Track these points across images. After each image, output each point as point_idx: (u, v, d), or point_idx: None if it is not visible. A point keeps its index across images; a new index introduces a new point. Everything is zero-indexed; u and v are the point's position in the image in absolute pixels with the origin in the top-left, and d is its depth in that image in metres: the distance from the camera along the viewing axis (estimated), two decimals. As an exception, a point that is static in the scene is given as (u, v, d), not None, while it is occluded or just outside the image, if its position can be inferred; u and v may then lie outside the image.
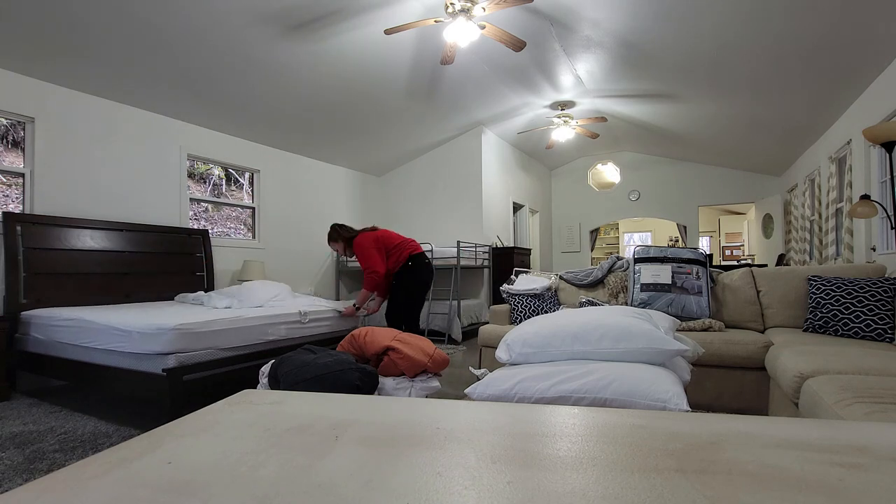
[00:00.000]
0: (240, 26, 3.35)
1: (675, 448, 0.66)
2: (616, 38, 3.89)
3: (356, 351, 2.33)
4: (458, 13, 3.17)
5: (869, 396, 1.34)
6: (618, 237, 12.63)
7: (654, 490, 0.53)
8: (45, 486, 0.58)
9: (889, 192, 3.40)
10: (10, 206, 3.51)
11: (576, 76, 4.83)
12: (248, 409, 0.89)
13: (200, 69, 3.77)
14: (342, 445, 0.69)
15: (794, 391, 1.70)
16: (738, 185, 7.80)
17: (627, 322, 1.53)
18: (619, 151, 8.50)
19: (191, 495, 0.55)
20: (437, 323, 5.30)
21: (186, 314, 2.57)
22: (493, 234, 6.65)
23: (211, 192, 5.07)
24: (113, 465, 0.64)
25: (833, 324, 2.39)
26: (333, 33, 3.63)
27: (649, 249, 3.08)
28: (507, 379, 1.40)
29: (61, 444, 2.16)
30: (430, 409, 0.87)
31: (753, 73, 4.18)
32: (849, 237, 4.36)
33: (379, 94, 4.77)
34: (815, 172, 5.60)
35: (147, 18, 3.11)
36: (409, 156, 6.79)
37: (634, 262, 3.06)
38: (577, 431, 0.74)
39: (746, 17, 3.32)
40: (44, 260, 3.38)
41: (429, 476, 0.59)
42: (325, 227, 6.23)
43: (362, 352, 2.31)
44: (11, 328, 3.09)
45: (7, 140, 3.55)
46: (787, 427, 0.74)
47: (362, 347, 2.31)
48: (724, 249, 11.47)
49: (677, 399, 1.22)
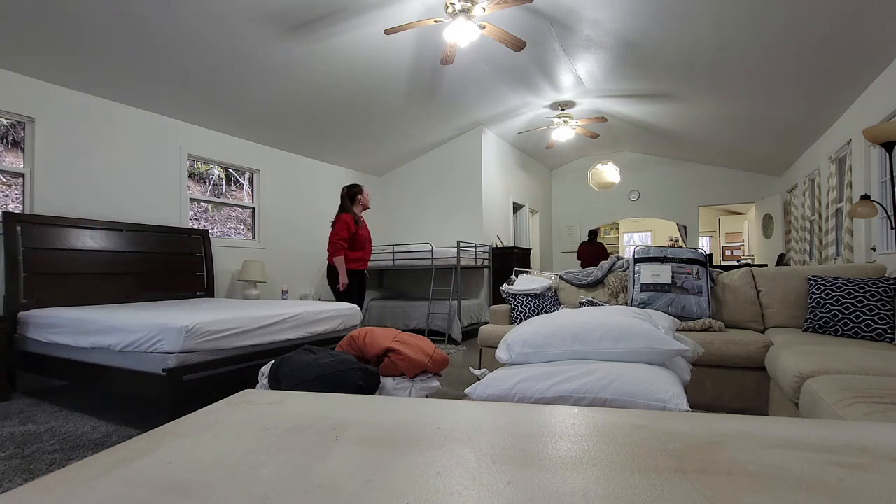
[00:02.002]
0: (240, 26, 3.35)
1: (675, 448, 0.66)
2: (616, 38, 3.89)
3: (356, 352, 2.32)
4: (458, 13, 3.17)
5: (869, 396, 1.34)
6: (618, 237, 12.63)
7: (654, 490, 0.53)
8: (45, 486, 0.58)
9: (889, 192, 3.40)
10: (10, 206, 3.51)
11: (576, 76, 4.83)
12: (248, 409, 0.89)
13: (200, 69, 3.77)
14: (342, 445, 0.69)
15: (794, 391, 1.70)
16: (738, 185, 7.80)
17: (627, 322, 1.53)
18: (619, 151, 8.50)
19: (191, 495, 0.55)
20: (437, 323, 5.30)
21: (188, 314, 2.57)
22: (493, 234, 6.65)
23: (211, 192, 5.07)
24: (113, 465, 0.64)
25: (833, 324, 2.38)
26: (333, 33, 3.63)
27: (649, 249, 3.08)
28: (507, 379, 1.40)
29: (61, 444, 2.16)
30: (430, 409, 0.87)
31: (753, 73, 4.18)
32: (849, 237, 4.36)
33: (379, 94, 4.77)
34: (815, 172, 5.60)
35: (147, 18, 3.11)
36: (409, 156, 6.79)
37: (634, 262, 3.06)
38: (577, 431, 0.74)
39: (746, 16, 3.32)
40: (44, 260, 3.38)
41: (429, 476, 0.59)
42: (325, 227, 6.23)
43: (362, 353, 2.30)
44: (11, 328, 3.09)
45: (7, 140, 3.55)
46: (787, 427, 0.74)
47: (362, 349, 2.30)
48: (724, 249, 11.47)
49: (677, 399, 1.22)
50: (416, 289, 6.88)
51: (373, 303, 6.06)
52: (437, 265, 5.54)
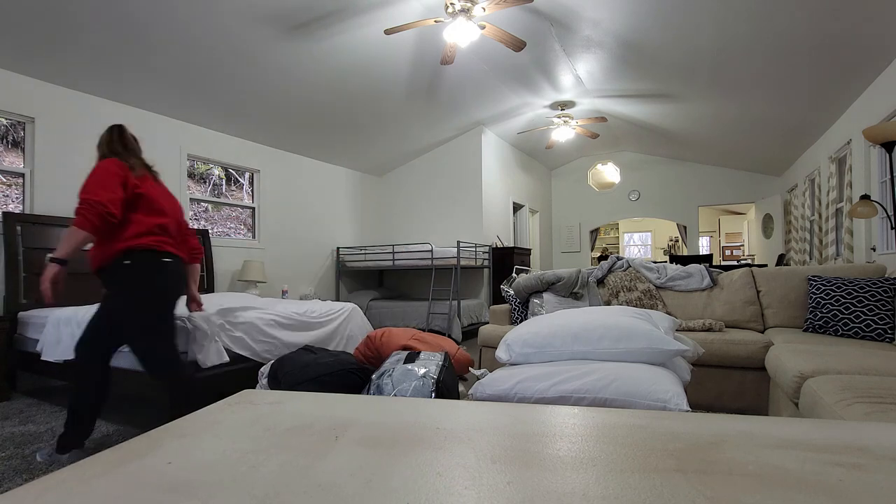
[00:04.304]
0: (240, 26, 3.35)
1: (675, 448, 0.66)
2: (616, 38, 3.89)
3: (372, 353, 2.23)
4: (458, 13, 3.17)
5: (869, 396, 1.34)
6: (618, 237, 12.63)
7: (654, 490, 0.53)
8: (45, 486, 0.58)
9: (889, 192, 3.40)
10: (10, 206, 3.51)
11: (576, 76, 4.82)
12: (248, 409, 0.89)
13: (200, 69, 3.77)
14: (342, 445, 0.69)
15: (794, 391, 1.70)
16: (738, 185, 7.80)
17: (627, 322, 1.53)
18: (619, 151, 8.50)
19: (191, 495, 0.55)
20: (437, 323, 5.30)
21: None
22: (493, 234, 6.65)
23: (211, 192, 5.07)
24: (113, 465, 0.64)
25: (833, 324, 2.38)
26: (334, 33, 3.63)
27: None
28: (507, 379, 1.40)
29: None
30: (430, 409, 0.87)
31: (753, 73, 4.18)
32: (849, 237, 4.36)
33: (379, 95, 4.77)
34: (815, 172, 5.60)
35: (147, 19, 3.11)
36: (409, 156, 6.80)
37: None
38: (577, 431, 0.74)
39: (746, 16, 3.32)
40: (44, 260, 3.38)
41: (429, 476, 0.59)
42: (325, 227, 6.23)
43: (379, 353, 2.21)
44: (11, 328, 3.09)
45: (7, 140, 3.55)
46: (787, 427, 0.74)
47: (379, 349, 2.21)
48: (723, 249, 11.47)
49: (677, 399, 1.22)
50: (416, 289, 6.88)
51: (373, 303, 6.06)
52: (437, 265, 5.54)
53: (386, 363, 1.74)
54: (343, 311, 3.33)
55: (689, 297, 3.03)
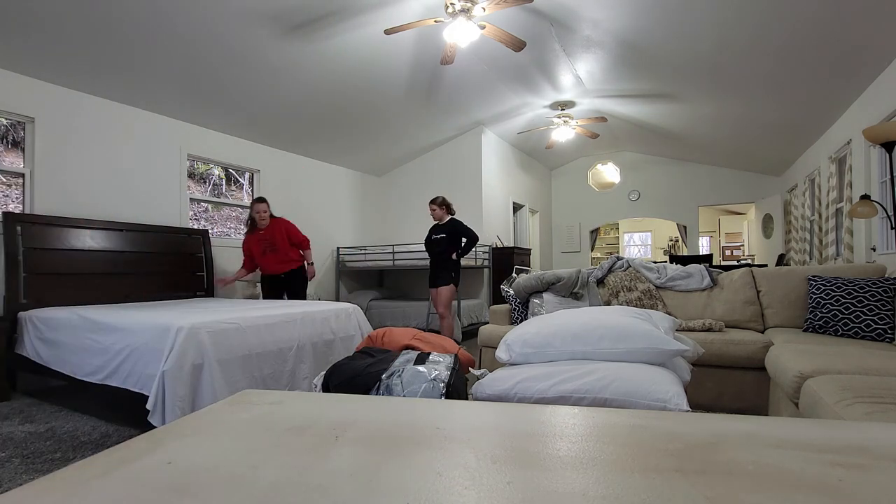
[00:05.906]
0: (240, 26, 3.35)
1: (675, 448, 0.66)
2: (616, 38, 3.89)
3: None
4: (458, 13, 3.17)
5: (869, 396, 1.34)
6: (618, 237, 12.63)
7: (654, 490, 0.53)
8: (45, 486, 0.58)
9: (889, 192, 3.40)
10: (10, 206, 3.51)
11: (576, 76, 4.82)
12: (248, 409, 0.89)
13: (200, 69, 3.77)
14: (342, 445, 0.69)
15: (794, 391, 1.70)
16: (738, 185, 7.80)
17: (627, 322, 1.53)
18: (619, 151, 8.50)
19: (191, 495, 0.55)
20: (437, 323, 5.30)
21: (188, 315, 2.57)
22: (493, 234, 6.65)
23: (211, 192, 5.07)
24: (113, 465, 0.64)
25: (833, 324, 2.38)
26: (333, 33, 3.63)
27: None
28: (507, 379, 1.40)
29: (61, 444, 2.16)
30: (430, 409, 0.87)
31: (753, 73, 4.18)
32: (849, 237, 4.36)
33: (379, 95, 4.77)
34: (815, 172, 5.60)
35: (147, 19, 3.11)
36: (409, 156, 6.79)
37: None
38: (577, 431, 0.74)
39: (746, 16, 3.32)
40: (44, 260, 3.38)
41: (429, 476, 0.59)
42: (325, 227, 6.23)
43: None
44: (11, 328, 3.09)
45: (7, 140, 3.55)
46: (787, 427, 0.74)
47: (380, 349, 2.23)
48: (723, 249, 11.48)
49: (677, 399, 1.22)
50: (416, 289, 6.88)
51: (373, 303, 6.06)
52: (437, 265, 5.53)
53: (395, 363, 1.73)
54: (343, 311, 3.33)
55: (689, 297, 3.03)
